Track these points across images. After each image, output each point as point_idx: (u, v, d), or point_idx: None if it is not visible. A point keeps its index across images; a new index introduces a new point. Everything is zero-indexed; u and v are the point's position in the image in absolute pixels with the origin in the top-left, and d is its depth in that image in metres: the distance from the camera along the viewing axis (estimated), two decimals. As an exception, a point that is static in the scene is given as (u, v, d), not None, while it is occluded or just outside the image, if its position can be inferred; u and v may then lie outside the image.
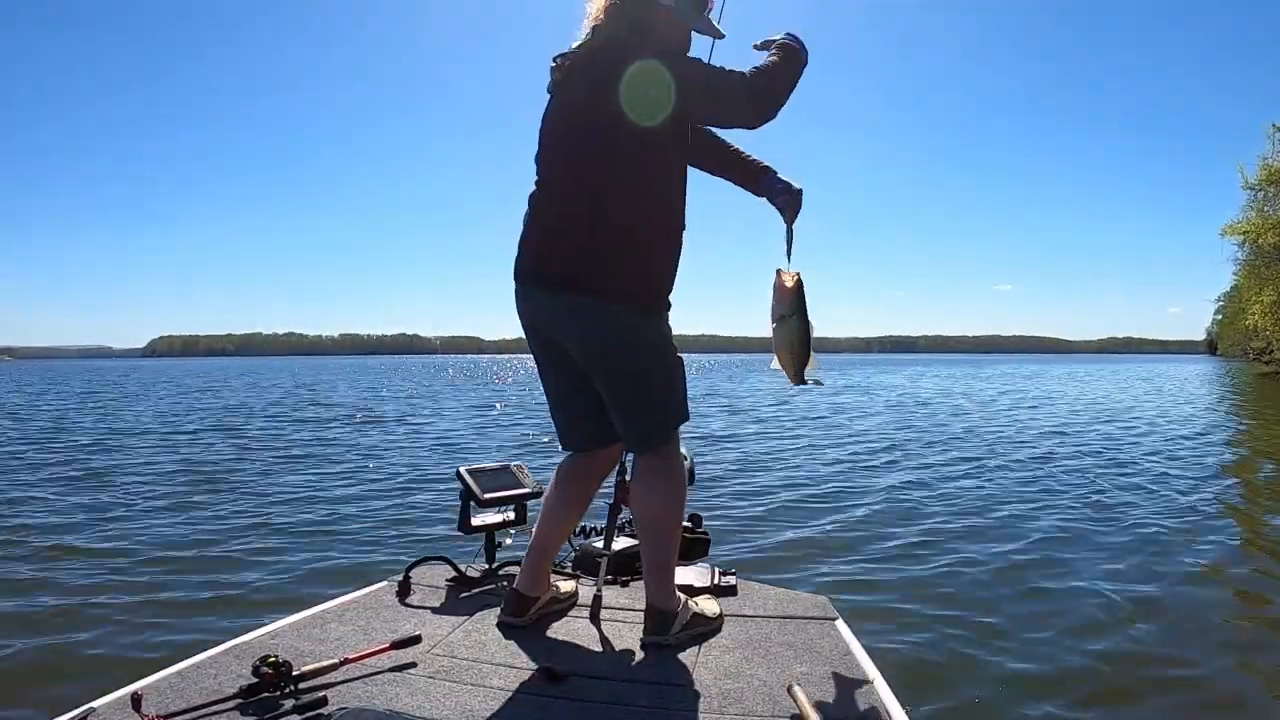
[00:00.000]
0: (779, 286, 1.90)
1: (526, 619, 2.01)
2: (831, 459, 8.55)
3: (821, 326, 2.00)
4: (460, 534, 2.42)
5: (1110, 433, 11.42)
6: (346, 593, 2.27)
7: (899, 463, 8.29)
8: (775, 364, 1.97)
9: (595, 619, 2.03)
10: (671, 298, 1.90)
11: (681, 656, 1.81)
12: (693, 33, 1.87)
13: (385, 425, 12.77)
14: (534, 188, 1.91)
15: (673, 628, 1.88)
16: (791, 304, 1.90)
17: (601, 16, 1.83)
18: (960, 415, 14.55)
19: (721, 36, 1.90)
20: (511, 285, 1.93)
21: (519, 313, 1.94)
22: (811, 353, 1.94)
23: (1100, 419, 13.79)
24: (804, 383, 1.97)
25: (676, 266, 1.88)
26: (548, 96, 1.90)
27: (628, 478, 2.10)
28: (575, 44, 1.86)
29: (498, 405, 17.45)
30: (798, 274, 1.90)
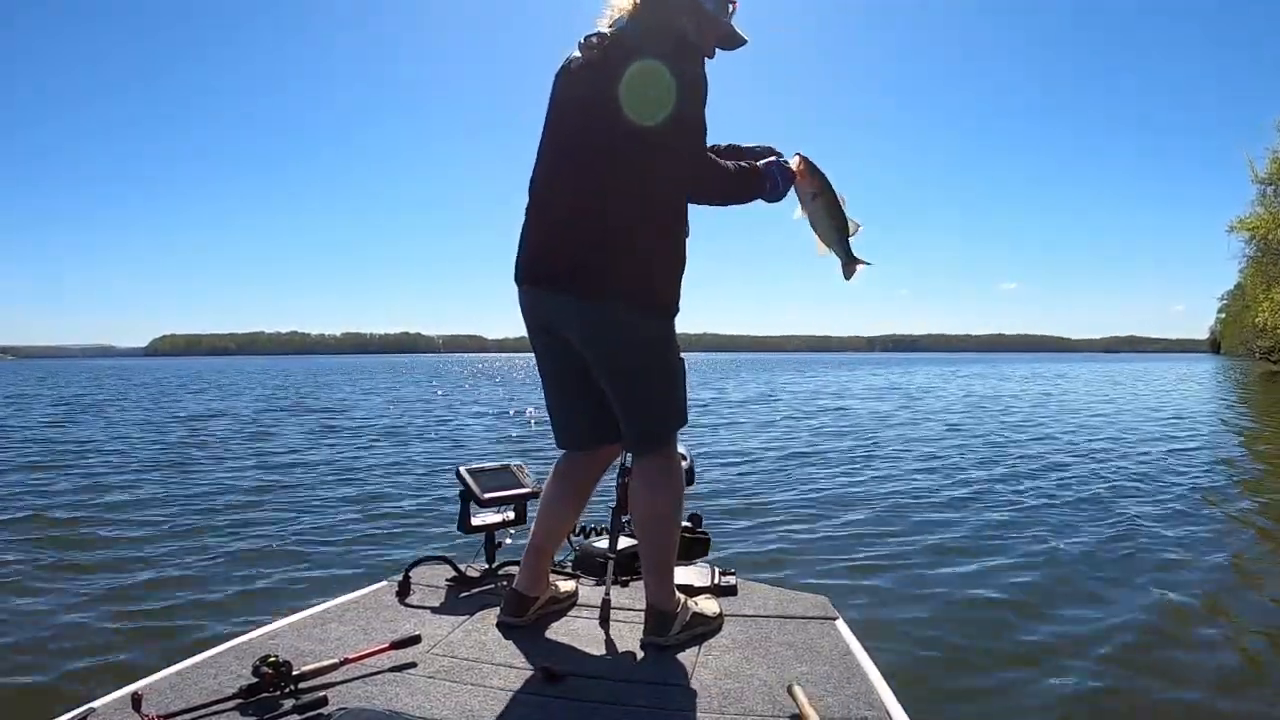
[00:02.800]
0: (800, 170, 1.88)
1: (526, 619, 2.01)
2: (832, 459, 8.55)
3: (823, 325, 1.99)
4: (460, 534, 2.42)
5: (1125, 434, 11.37)
6: (346, 593, 2.27)
7: (899, 463, 8.29)
8: (821, 249, 1.93)
9: (605, 622, 2.02)
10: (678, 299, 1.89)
11: (681, 656, 1.81)
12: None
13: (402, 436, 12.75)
14: (535, 183, 1.90)
15: (672, 628, 1.87)
16: (817, 183, 1.90)
17: (628, 9, 1.83)
18: (964, 413, 14.55)
19: (745, 41, 1.91)
20: (511, 284, 1.93)
21: (522, 308, 1.94)
22: (850, 220, 1.92)
23: (1116, 420, 13.79)
24: (855, 261, 1.93)
25: (681, 268, 1.87)
26: (560, 79, 1.88)
27: (628, 479, 2.10)
28: (603, 24, 1.85)
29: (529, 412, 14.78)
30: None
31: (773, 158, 1.90)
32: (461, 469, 2.38)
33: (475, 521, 2.39)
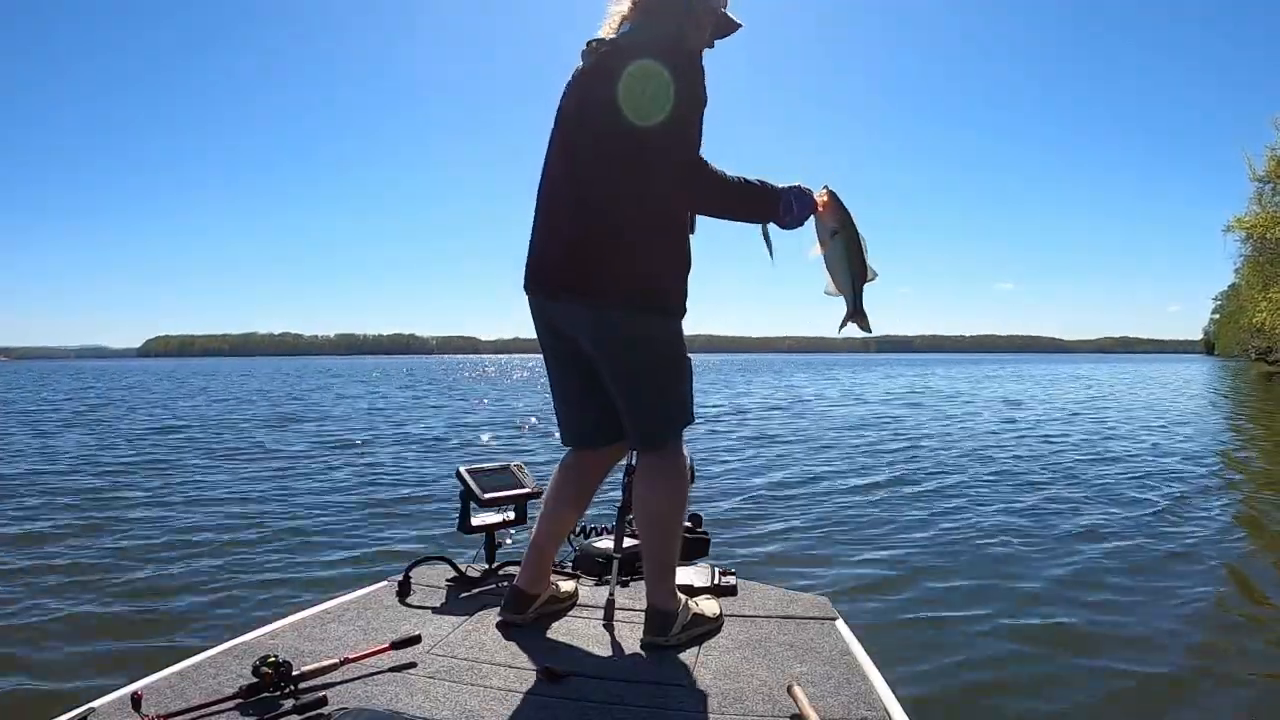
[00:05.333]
0: (824, 202, 1.81)
1: (526, 617, 2.01)
2: (832, 458, 8.55)
3: (816, 326, 1.99)
4: (460, 534, 2.42)
5: (1130, 434, 11.37)
6: (346, 593, 2.27)
7: (900, 463, 8.29)
8: (830, 288, 1.86)
9: (605, 621, 2.02)
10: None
11: (681, 656, 1.81)
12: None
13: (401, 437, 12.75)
14: (541, 189, 1.90)
15: (673, 628, 1.87)
16: (839, 218, 1.81)
17: (628, 14, 1.84)
18: (967, 413, 14.54)
19: (739, 26, 1.91)
20: (509, 284, 1.95)
21: (532, 311, 1.95)
22: (869, 266, 1.83)
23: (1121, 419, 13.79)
24: (860, 316, 1.85)
25: (686, 268, 1.86)
26: (566, 87, 1.89)
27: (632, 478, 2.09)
28: (606, 32, 1.86)
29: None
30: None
31: (796, 184, 1.84)
32: (461, 469, 2.38)
33: (475, 522, 2.39)
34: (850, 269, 1.83)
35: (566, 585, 2.19)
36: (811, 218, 1.85)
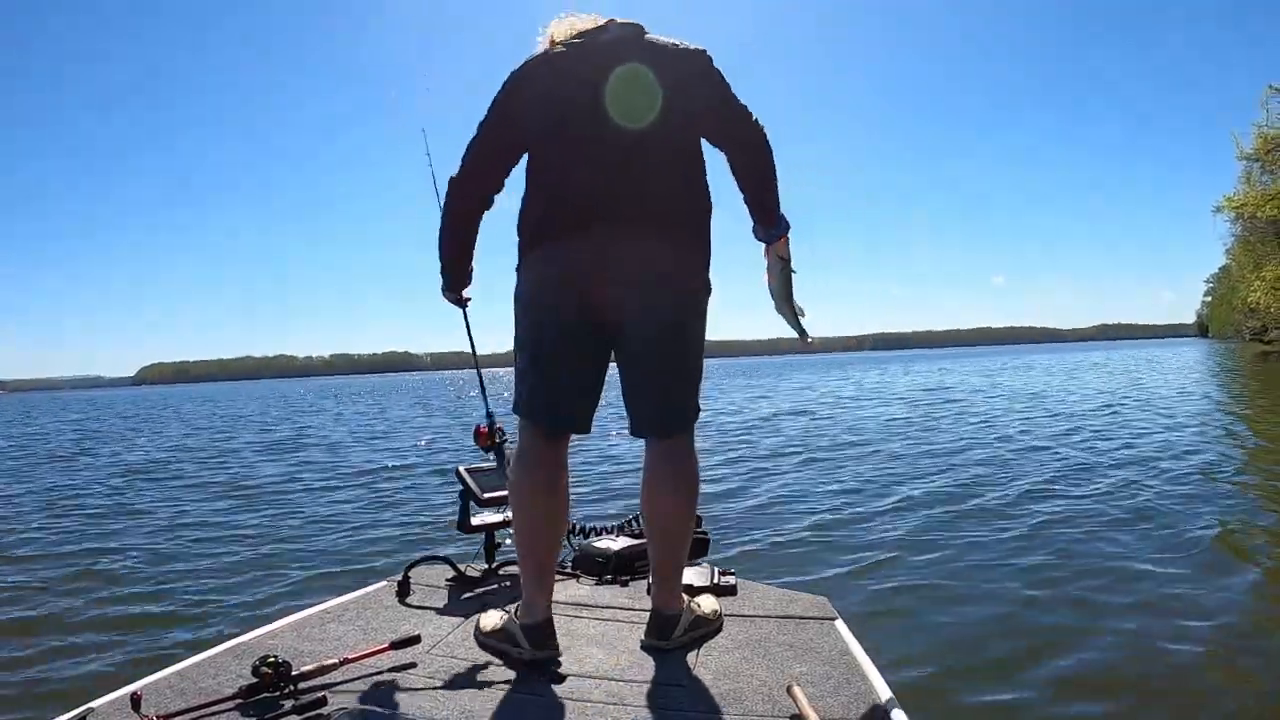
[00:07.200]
0: (785, 241, 1.90)
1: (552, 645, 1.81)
2: (832, 459, 8.56)
3: (810, 326, 2.01)
4: (460, 534, 2.42)
5: (1127, 423, 11.32)
6: (346, 593, 2.27)
7: (899, 463, 8.29)
8: (785, 310, 1.95)
9: (609, 621, 2.00)
10: None
11: (682, 657, 1.81)
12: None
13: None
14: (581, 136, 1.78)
15: (675, 631, 1.86)
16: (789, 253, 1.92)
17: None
18: (967, 410, 14.54)
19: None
20: (498, 299, 1.90)
21: (562, 261, 1.75)
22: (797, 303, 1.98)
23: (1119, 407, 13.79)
24: (806, 334, 1.98)
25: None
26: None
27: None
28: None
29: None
30: None
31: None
32: (461, 469, 2.38)
33: (475, 521, 2.39)
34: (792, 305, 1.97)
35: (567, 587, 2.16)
36: (772, 245, 1.91)
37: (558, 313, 1.76)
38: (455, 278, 2.04)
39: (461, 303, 2.15)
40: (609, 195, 1.73)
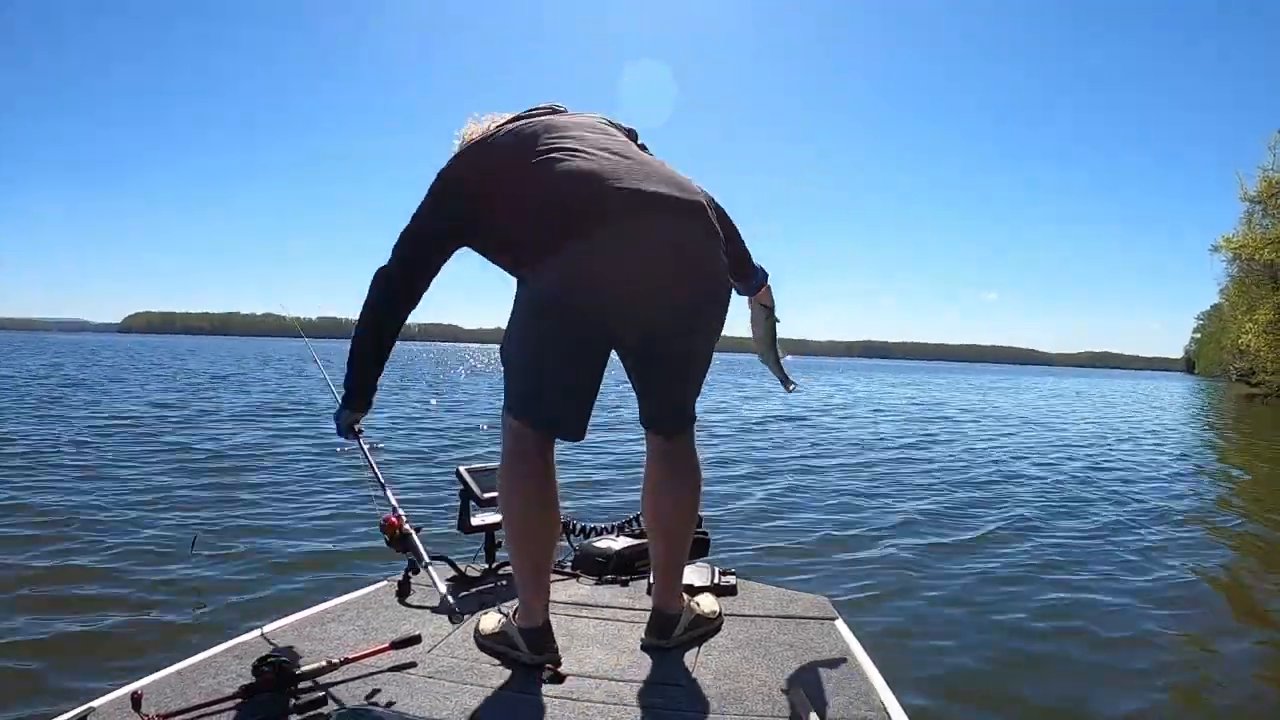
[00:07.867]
0: (767, 289, 2.01)
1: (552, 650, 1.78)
2: (832, 459, 8.56)
3: (802, 329, 2.05)
4: (460, 534, 2.42)
5: (1130, 450, 11.33)
6: (346, 593, 2.27)
7: (900, 463, 8.29)
8: (769, 363, 2.08)
9: (609, 621, 2.01)
10: None
11: (681, 656, 1.81)
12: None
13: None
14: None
15: (675, 630, 1.86)
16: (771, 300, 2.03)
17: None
18: (965, 422, 14.54)
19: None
20: (487, 274, 1.81)
21: (584, 262, 1.59)
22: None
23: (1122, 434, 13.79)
24: (791, 382, 2.10)
25: None
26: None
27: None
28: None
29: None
30: None
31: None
32: (461, 468, 2.38)
33: (475, 521, 2.39)
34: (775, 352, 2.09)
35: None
36: (755, 295, 2.00)
37: (575, 314, 1.64)
38: (364, 397, 1.88)
39: (356, 434, 2.01)
40: (616, 193, 1.61)
